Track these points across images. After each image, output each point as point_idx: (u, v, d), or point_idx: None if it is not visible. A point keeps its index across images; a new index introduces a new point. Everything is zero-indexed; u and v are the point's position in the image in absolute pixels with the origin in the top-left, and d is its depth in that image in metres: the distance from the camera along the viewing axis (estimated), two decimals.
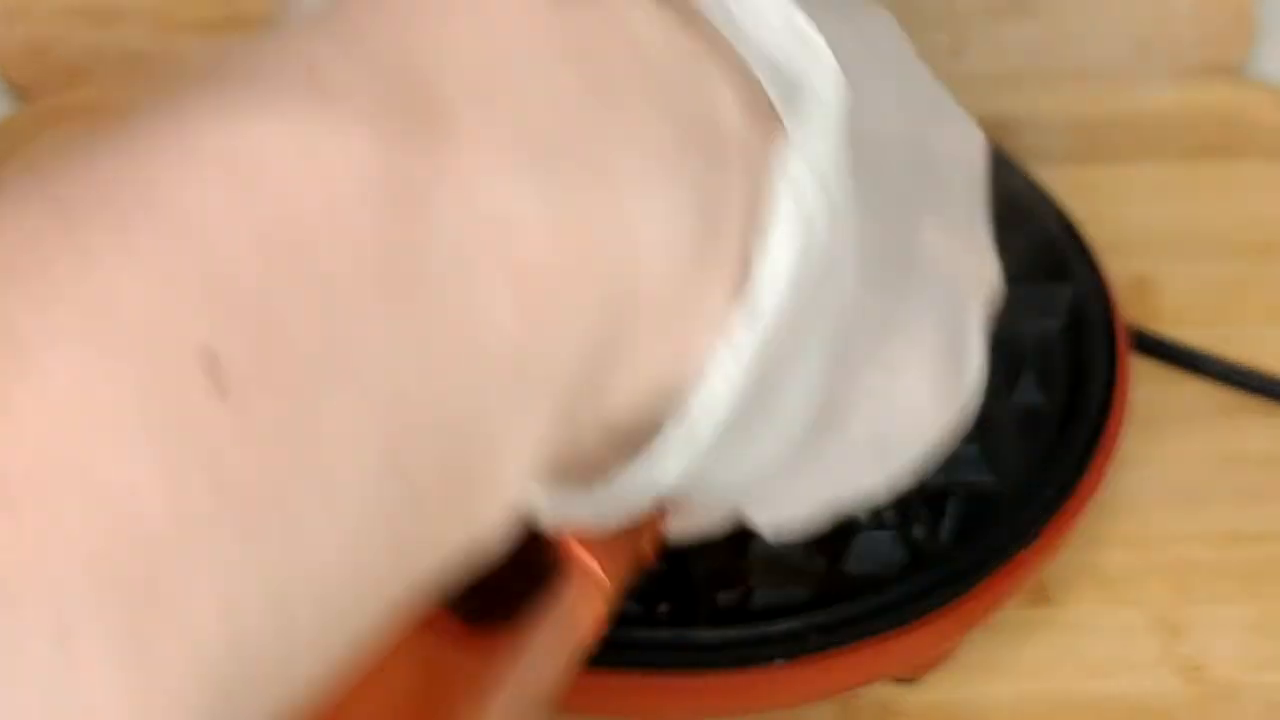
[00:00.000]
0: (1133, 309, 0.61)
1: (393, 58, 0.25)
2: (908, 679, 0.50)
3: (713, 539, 0.40)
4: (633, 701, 0.45)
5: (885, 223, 0.35)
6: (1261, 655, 0.51)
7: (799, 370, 0.32)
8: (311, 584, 0.23)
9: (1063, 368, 0.53)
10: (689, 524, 0.36)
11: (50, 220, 0.21)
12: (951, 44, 0.70)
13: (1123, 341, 0.52)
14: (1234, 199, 0.66)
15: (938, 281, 0.36)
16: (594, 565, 0.34)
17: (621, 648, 0.44)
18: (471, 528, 0.26)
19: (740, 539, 0.48)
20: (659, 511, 0.35)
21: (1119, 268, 0.58)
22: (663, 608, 0.47)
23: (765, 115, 0.30)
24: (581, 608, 0.34)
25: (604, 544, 0.34)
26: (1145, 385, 0.56)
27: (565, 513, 0.31)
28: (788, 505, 0.37)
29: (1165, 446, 0.57)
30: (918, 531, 0.49)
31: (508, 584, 0.32)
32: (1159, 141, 0.69)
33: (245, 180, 0.23)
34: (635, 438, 0.30)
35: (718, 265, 0.29)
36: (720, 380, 0.30)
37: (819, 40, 0.30)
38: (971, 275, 0.38)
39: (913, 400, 0.37)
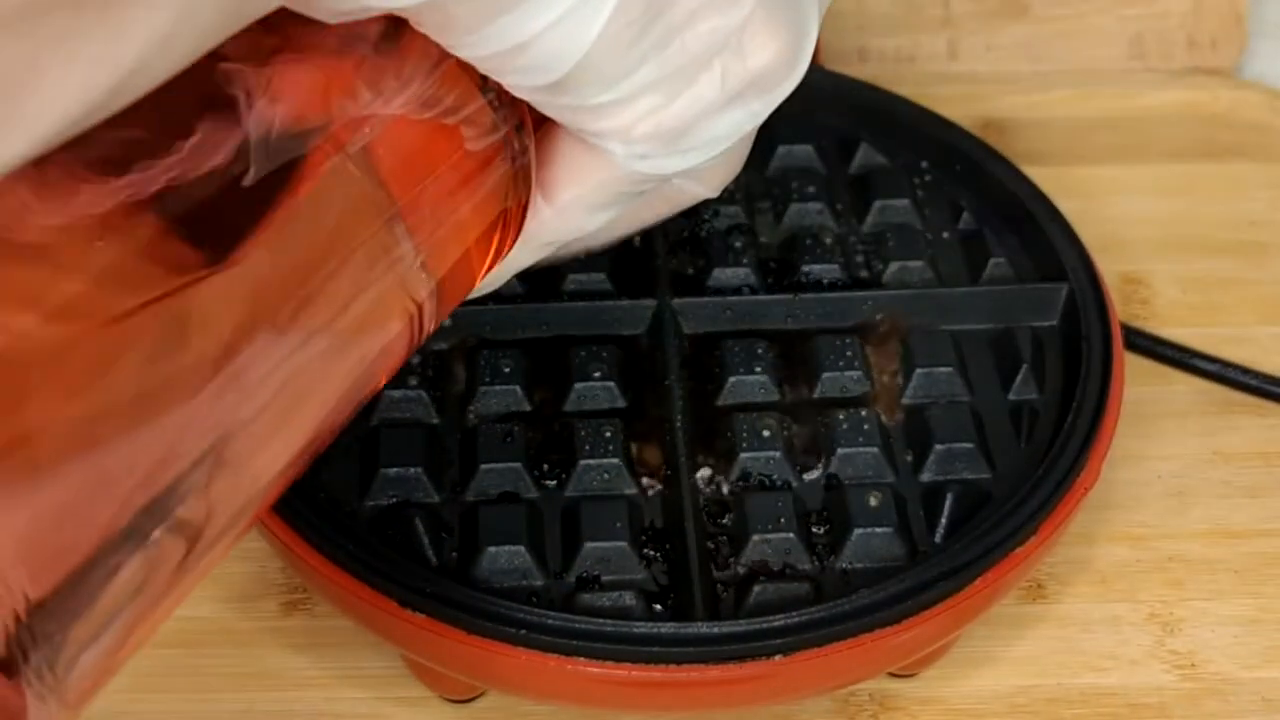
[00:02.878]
0: (1126, 308, 0.62)
1: None
2: (905, 673, 0.51)
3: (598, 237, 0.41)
4: (633, 696, 0.46)
5: None
6: (1255, 650, 0.52)
7: None
8: None
9: (1058, 366, 0.53)
10: (527, 77, 0.36)
11: None
12: (948, 46, 0.71)
13: (1117, 340, 0.53)
14: (1226, 199, 0.67)
15: None
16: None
17: (624, 642, 0.44)
18: None
19: (741, 535, 0.48)
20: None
21: (1113, 267, 0.58)
22: (663, 603, 0.47)
23: None
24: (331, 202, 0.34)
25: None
26: (1139, 383, 0.57)
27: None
28: (634, 113, 0.37)
29: (1159, 444, 0.57)
30: (915, 527, 0.49)
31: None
32: (1153, 142, 0.69)
33: None
34: None
35: None
36: None
37: None
38: None
39: (750, 34, 0.37)
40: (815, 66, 0.64)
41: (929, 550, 0.49)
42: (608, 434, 0.50)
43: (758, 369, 0.52)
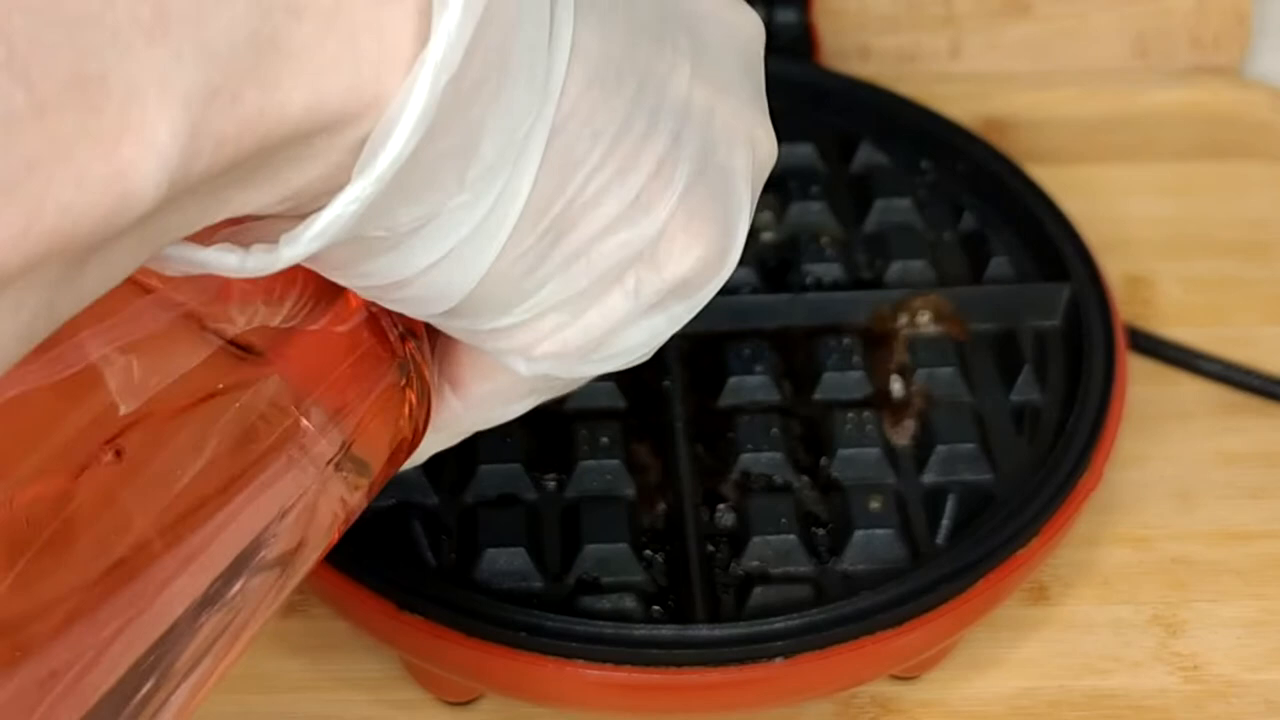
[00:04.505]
0: (1129, 308, 0.61)
1: None
2: (907, 676, 0.50)
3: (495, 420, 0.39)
4: (633, 699, 0.46)
5: (612, 34, 0.32)
6: (1258, 653, 0.52)
7: (497, 114, 0.29)
8: None
9: (1061, 366, 0.53)
10: (413, 308, 0.34)
11: None
12: (950, 45, 0.70)
13: (1120, 341, 0.53)
14: (1230, 199, 0.67)
15: (695, 131, 0.34)
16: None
17: (624, 645, 0.44)
18: (114, 163, 0.25)
19: (741, 536, 0.48)
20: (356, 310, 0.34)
21: (1116, 267, 0.58)
22: (663, 605, 0.47)
23: None
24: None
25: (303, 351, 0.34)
26: (1142, 384, 0.56)
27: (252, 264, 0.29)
28: (535, 333, 0.34)
29: (1162, 445, 0.57)
30: (917, 529, 0.49)
31: None
32: (1156, 142, 0.69)
33: None
34: (316, 153, 0.28)
35: None
36: (409, 89, 0.27)
37: None
38: (738, 137, 0.35)
39: (667, 241, 0.34)
40: (816, 66, 0.64)
41: (931, 552, 0.48)
42: (607, 435, 0.50)
43: (758, 369, 0.52)
